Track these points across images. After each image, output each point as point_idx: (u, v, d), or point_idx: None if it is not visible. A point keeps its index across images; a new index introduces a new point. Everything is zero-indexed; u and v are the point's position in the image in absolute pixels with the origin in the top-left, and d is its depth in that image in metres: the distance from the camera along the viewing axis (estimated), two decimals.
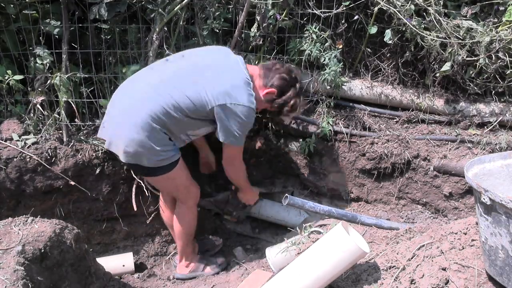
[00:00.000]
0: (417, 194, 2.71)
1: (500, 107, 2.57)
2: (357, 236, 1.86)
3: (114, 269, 2.49)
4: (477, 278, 1.57)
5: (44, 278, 1.77)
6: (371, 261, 1.92)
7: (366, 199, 2.85)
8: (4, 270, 1.61)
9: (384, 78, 2.77)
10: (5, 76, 2.34)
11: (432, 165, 2.60)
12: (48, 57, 2.39)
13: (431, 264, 1.70)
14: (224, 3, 2.62)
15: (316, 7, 2.58)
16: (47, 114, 2.46)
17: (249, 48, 2.78)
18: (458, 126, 2.64)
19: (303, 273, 1.78)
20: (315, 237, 2.07)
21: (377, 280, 1.80)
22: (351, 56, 2.81)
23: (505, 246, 1.36)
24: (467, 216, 2.50)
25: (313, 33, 2.59)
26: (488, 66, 2.40)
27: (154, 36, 2.39)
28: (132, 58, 2.55)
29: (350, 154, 2.75)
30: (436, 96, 2.66)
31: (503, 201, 1.27)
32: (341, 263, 1.75)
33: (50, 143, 2.43)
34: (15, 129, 2.42)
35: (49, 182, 2.43)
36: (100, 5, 2.30)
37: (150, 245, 2.84)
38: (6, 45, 2.41)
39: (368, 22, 2.57)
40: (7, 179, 2.34)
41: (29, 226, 1.87)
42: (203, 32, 2.58)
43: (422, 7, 2.40)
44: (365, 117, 2.75)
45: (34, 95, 2.43)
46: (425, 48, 2.46)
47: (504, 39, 2.32)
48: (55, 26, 2.36)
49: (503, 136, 2.51)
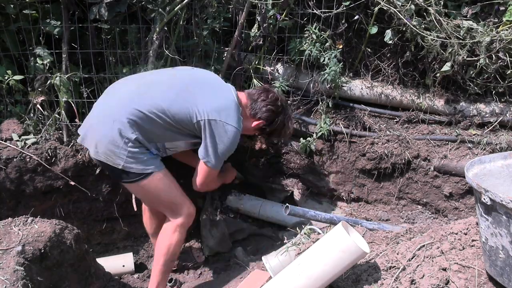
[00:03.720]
0: (417, 194, 2.70)
1: (501, 107, 2.57)
2: (357, 236, 1.86)
3: (114, 269, 2.49)
4: (478, 279, 1.57)
5: (44, 279, 1.77)
6: (371, 261, 1.92)
7: (366, 199, 2.85)
8: (4, 270, 1.61)
9: (384, 78, 2.77)
10: (5, 76, 2.34)
11: (433, 165, 2.60)
12: (48, 57, 2.39)
13: (431, 265, 1.70)
14: (224, 3, 2.62)
15: (316, 7, 2.58)
16: (47, 114, 2.46)
17: (249, 48, 2.78)
18: (458, 126, 2.64)
19: (303, 273, 1.78)
20: (315, 237, 2.07)
21: (377, 280, 1.80)
22: (351, 56, 2.81)
23: (505, 246, 1.36)
24: (468, 216, 2.50)
25: (313, 33, 2.59)
26: (488, 66, 2.40)
27: (154, 36, 2.39)
28: (132, 58, 2.55)
29: (350, 154, 2.75)
30: (436, 96, 2.66)
31: (504, 201, 1.27)
32: (341, 263, 1.75)
33: (50, 143, 2.43)
34: (15, 129, 2.42)
35: (49, 182, 2.43)
36: (100, 5, 2.30)
37: (150, 245, 2.84)
38: (6, 45, 2.41)
39: (368, 22, 2.57)
40: (7, 179, 2.34)
41: (29, 226, 1.87)
42: (203, 32, 2.58)
43: (422, 7, 2.40)
44: (365, 117, 2.75)
45: (34, 95, 2.42)
46: (426, 48, 2.46)
47: (504, 39, 2.32)
48: (55, 26, 2.36)
49: (504, 136, 2.50)
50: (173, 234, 2.13)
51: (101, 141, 1.94)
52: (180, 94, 1.99)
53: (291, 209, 2.28)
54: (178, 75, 2.11)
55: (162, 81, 2.05)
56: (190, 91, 2.01)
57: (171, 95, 1.99)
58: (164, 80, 2.07)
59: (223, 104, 2.02)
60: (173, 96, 1.99)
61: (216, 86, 2.11)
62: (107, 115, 1.96)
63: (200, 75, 2.15)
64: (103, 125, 1.95)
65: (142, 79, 2.10)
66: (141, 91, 1.99)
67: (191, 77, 2.10)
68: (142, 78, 2.12)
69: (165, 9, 2.34)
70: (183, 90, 2.01)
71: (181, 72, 2.16)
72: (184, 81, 2.06)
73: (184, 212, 2.13)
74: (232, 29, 2.66)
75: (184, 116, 1.97)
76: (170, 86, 2.03)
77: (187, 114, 1.97)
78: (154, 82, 2.05)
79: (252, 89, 2.28)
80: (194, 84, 2.05)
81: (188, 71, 2.17)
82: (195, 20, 2.59)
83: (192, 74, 2.14)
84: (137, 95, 1.97)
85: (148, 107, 1.93)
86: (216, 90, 2.08)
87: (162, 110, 1.95)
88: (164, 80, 2.06)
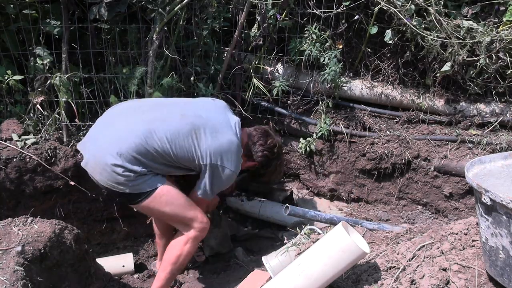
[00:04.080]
0: (417, 195, 2.70)
1: (501, 107, 2.57)
2: (357, 237, 1.86)
3: (114, 269, 2.49)
4: (478, 279, 1.57)
5: (44, 279, 1.76)
6: (371, 261, 1.92)
7: (366, 199, 2.85)
8: (4, 270, 1.60)
9: (384, 78, 2.77)
10: (5, 76, 2.34)
11: (433, 165, 2.59)
12: (48, 57, 2.39)
13: (431, 265, 1.70)
14: (224, 3, 2.62)
15: (316, 7, 2.58)
16: (47, 114, 2.46)
17: (249, 48, 2.78)
18: (458, 126, 2.64)
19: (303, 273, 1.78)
20: (315, 237, 2.07)
21: (377, 281, 1.80)
22: (351, 56, 2.81)
23: (505, 246, 1.36)
24: (468, 216, 2.50)
25: (313, 33, 2.59)
26: (488, 66, 2.39)
27: (154, 36, 2.39)
28: (132, 58, 2.55)
29: (350, 154, 2.74)
30: (436, 96, 2.66)
31: (504, 201, 1.27)
32: (341, 264, 1.75)
33: (50, 143, 2.42)
34: (15, 129, 2.42)
35: (49, 182, 2.43)
36: (100, 5, 2.30)
37: (150, 245, 2.84)
38: (6, 45, 2.40)
39: (369, 22, 2.57)
40: (7, 179, 2.33)
41: (29, 227, 1.87)
42: (203, 32, 2.58)
43: (422, 7, 2.40)
44: (365, 117, 2.75)
45: (34, 95, 2.42)
46: (426, 48, 2.46)
47: (504, 39, 2.32)
48: (55, 26, 2.36)
49: (504, 136, 2.50)
50: (184, 246, 2.12)
51: (105, 170, 1.94)
52: (186, 139, 2.00)
53: (291, 209, 2.28)
54: (186, 116, 2.07)
55: (170, 123, 2.02)
56: (197, 135, 2.02)
57: (178, 139, 1.98)
58: (173, 122, 2.03)
59: (226, 148, 2.05)
60: (180, 141, 1.99)
61: (222, 128, 2.10)
62: (109, 147, 1.94)
63: (208, 116, 2.11)
64: (107, 157, 1.92)
65: (149, 113, 2.05)
66: (147, 128, 1.96)
67: (200, 120, 2.07)
68: (148, 111, 2.07)
69: (165, 9, 2.34)
70: (191, 134, 2.02)
71: (190, 113, 2.10)
72: (193, 124, 2.03)
73: (195, 226, 2.10)
74: (232, 29, 2.66)
75: (187, 158, 2.02)
76: (178, 130, 2.00)
77: (190, 157, 2.02)
78: (160, 119, 2.02)
79: (254, 128, 2.30)
80: (201, 127, 2.04)
81: (197, 111, 2.12)
82: (195, 20, 2.59)
83: (201, 115, 2.10)
84: (143, 132, 1.95)
85: (155, 146, 1.95)
86: (222, 133, 2.08)
87: (168, 152, 1.97)
88: (173, 122, 2.02)
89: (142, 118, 2.02)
